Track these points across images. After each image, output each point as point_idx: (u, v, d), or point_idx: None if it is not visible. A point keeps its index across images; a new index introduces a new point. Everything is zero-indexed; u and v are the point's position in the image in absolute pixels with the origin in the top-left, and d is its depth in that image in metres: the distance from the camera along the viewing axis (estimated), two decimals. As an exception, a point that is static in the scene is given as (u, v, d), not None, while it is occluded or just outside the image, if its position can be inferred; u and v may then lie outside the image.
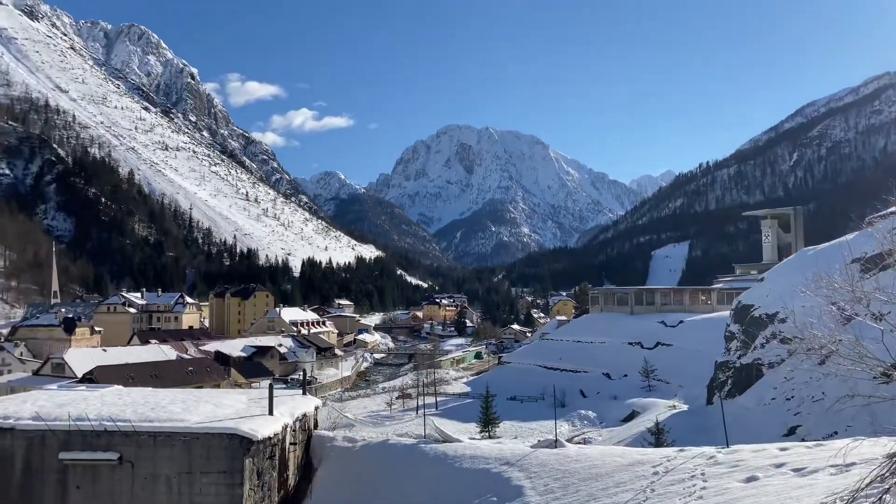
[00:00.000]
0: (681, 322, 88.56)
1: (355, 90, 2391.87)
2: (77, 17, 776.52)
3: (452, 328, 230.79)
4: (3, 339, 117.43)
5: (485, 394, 63.01)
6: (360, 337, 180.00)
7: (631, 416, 59.53)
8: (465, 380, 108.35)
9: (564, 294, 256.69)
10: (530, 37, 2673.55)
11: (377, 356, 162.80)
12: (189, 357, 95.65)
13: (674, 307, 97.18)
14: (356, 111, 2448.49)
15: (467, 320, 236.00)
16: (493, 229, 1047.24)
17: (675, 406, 53.15)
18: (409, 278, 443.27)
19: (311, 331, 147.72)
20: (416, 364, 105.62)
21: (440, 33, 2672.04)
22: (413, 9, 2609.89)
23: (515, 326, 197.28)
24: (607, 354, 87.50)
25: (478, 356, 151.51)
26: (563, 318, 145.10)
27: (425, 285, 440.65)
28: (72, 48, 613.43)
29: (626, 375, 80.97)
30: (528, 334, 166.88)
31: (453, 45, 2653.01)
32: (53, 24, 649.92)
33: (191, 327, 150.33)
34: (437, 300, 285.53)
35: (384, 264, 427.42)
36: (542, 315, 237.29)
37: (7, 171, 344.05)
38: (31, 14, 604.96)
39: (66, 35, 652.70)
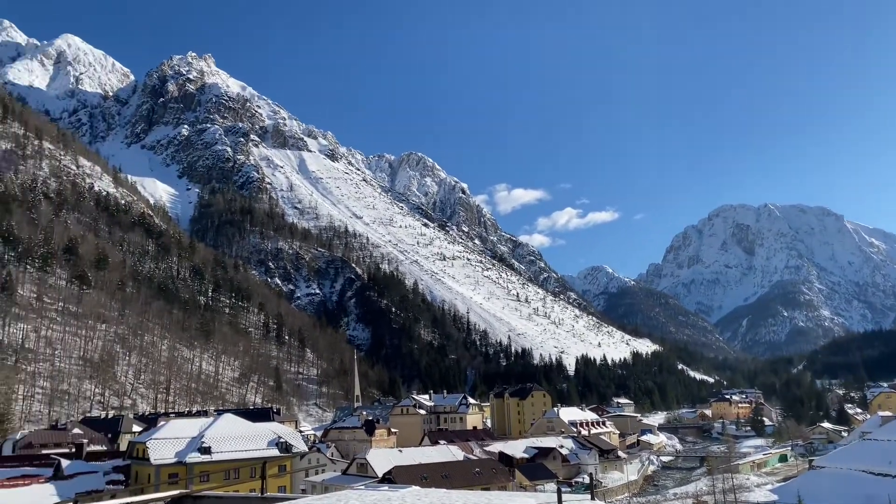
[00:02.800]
0: None
1: (618, 184, 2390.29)
2: (367, 153, 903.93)
3: (748, 427, 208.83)
4: (318, 441, 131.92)
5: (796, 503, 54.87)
6: (644, 438, 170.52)
7: None
8: (769, 486, 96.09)
9: (885, 385, 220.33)
10: (799, 102, 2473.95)
11: (664, 459, 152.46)
12: (475, 458, 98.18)
13: None
14: (620, 204, 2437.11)
15: (765, 418, 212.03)
16: (786, 314, 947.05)
17: None
18: (691, 373, 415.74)
19: (591, 431, 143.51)
20: (710, 468, 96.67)
21: (699, 114, 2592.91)
22: (670, 101, 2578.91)
23: (826, 424, 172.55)
24: (956, 458, 71.66)
25: (783, 459, 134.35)
26: (888, 413, 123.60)
27: (711, 380, 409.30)
28: (364, 180, 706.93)
29: None
30: (844, 433, 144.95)
31: (717, 124, 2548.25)
32: (349, 162, 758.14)
33: (474, 427, 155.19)
34: (727, 396, 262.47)
35: (663, 359, 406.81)
36: (858, 410, 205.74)
37: (317, 291, 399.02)
38: (332, 156, 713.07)
39: (358, 170, 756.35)
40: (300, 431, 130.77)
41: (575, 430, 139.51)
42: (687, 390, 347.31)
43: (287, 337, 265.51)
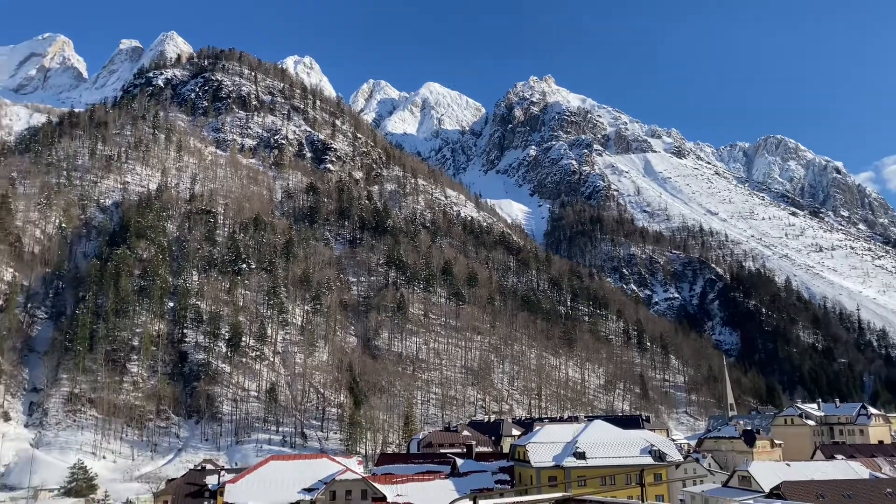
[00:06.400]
0: None
1: None
2: (716, 144, 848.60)
3: None
4: (692, 451, 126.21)
5: None
6: None
7: None
8: None
9: None
10: None
11: None
12: (885, 476, 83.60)
13: None
14: None
15: None
16: None
17: None
18: None
19: None
20: None
21: None
22: None
23: None
24: None
25: None
26: None
27: None
28: (716, 173, 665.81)
29: None
30: None
31: None
32: (698, 157, 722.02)
33: (880, 441, 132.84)
34: None
35: None
36: None
37: (675, 294, 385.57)
38: (679, 153, 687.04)
39: (709, 163, 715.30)
40: (672, 440, 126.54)
41: None
42: None
43: (648, 343, 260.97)
